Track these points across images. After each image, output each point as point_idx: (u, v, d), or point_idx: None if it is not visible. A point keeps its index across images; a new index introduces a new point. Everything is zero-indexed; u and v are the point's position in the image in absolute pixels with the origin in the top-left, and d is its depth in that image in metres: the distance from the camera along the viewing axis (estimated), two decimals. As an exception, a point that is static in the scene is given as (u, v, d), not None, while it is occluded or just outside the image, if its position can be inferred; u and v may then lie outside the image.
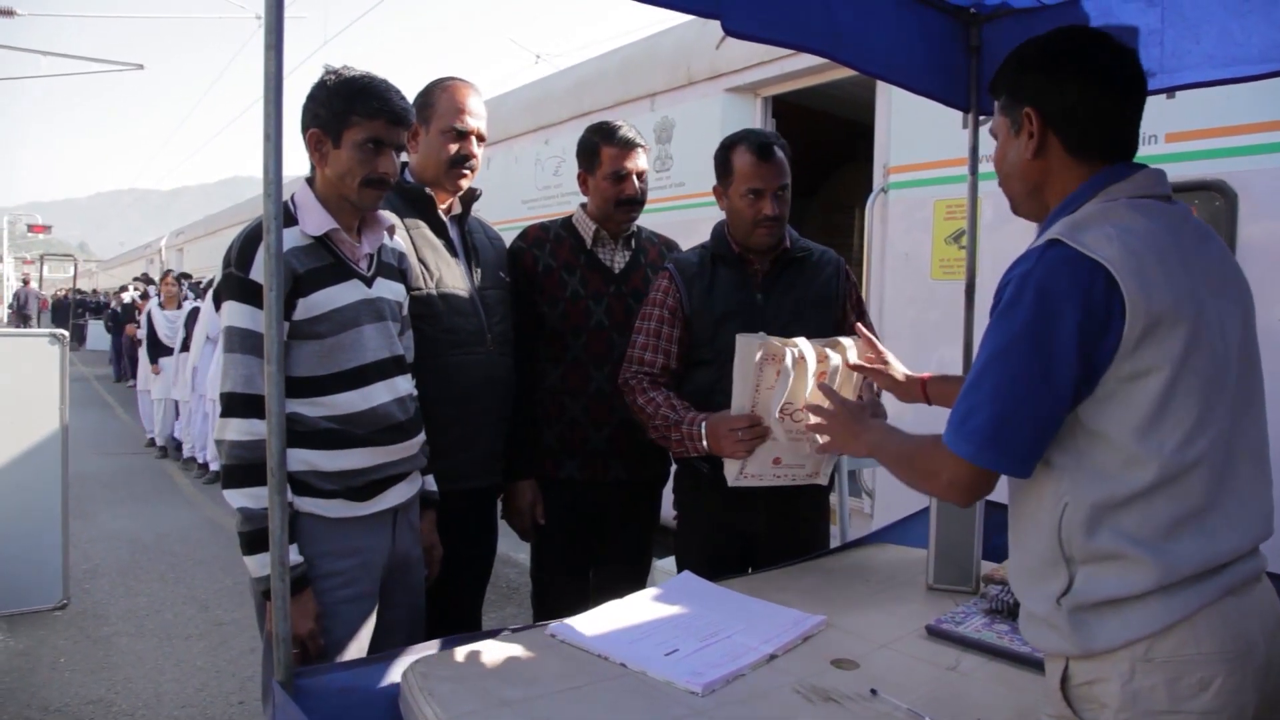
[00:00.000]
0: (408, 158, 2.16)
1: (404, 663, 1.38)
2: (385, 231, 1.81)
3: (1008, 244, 2.35)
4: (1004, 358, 1.08)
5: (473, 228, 2.22)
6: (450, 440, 2.01)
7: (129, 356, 12.65)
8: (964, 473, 1.12)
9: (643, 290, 2.27)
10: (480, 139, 2.14)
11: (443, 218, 2.13)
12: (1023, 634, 1.18)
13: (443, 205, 2.14)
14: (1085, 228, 1.08)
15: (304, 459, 1.62)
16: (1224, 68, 1.80)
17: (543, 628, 1.55)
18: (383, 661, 1.42)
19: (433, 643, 1.49)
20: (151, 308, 8.40)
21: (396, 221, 1.89)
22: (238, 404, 1.59)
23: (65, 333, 4.18)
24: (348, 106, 1.64)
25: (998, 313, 1.10)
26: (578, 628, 1.52)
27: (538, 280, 2.30)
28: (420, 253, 2.04)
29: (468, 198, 2.20)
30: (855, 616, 1.65)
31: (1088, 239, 1.06)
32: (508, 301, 2.23)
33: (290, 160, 1.31)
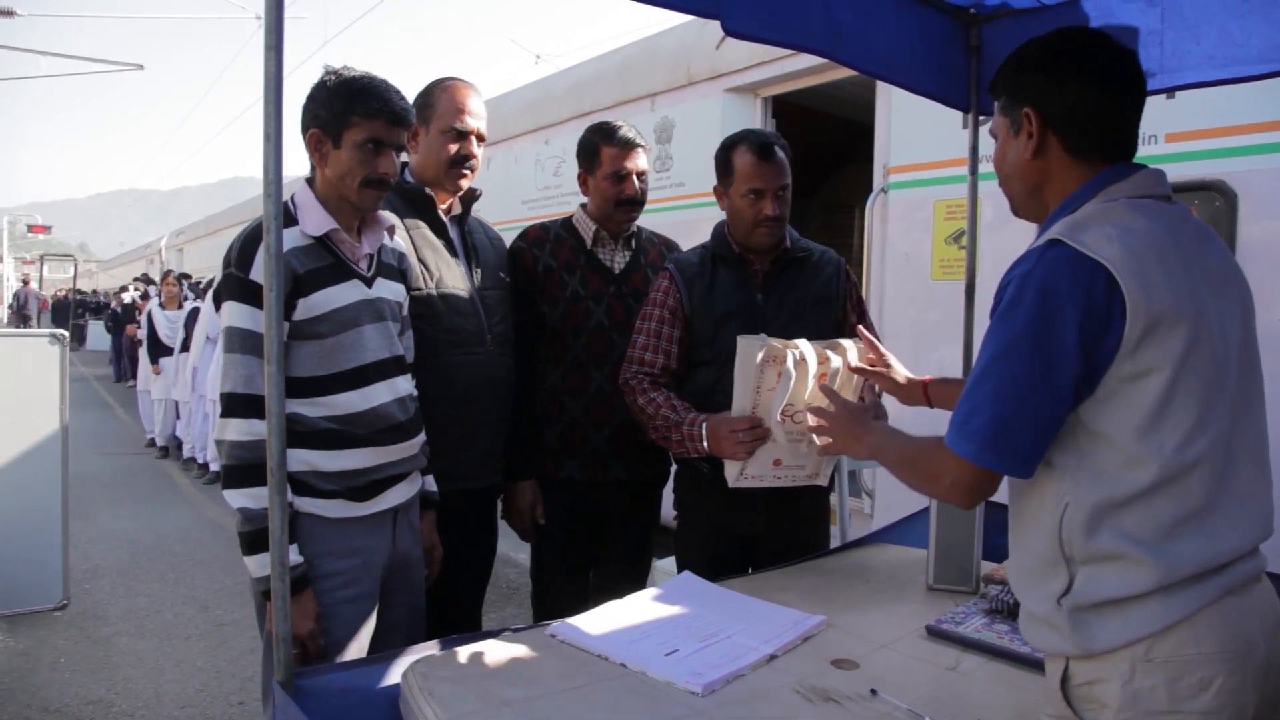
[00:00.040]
0: (408, 158, 2.16)
1: (404, 663, 1.38)
2: (385, 232, 1.81)
3: (1008, 244, 2.35)
4: (1005, 358, 1.08)
5: (473, 228, 2.22)
6: (450, 440, 2.01)
7: (129, 357, 12.65)
8: (966, 474, 1.12)
9: (643, 290, 2.27)
10: (480, 139, 2.14)
11: (443, 218, 2.13)
12: (1023, 634, 1.18)
13: (443, 205, 2.14)
14: (1085, 228, 1.08)
15: (304, 459, 1.62)
16: (1224, 68, 1.80)
17: (543, 628, 1.55)
18: (383, 662, 1.42)
19: (433, 643, 1.49)
20: (152, 308, 8.40)
21: (396, 222, 1.89)
22: (238, 404, 1.59)
23: (65, 333, 4.18)
24: (348, 107, 1.64)
25: (998, 313, 1.10)
26: (578, 628, 1.52)
27: (538, 280, 2.30)
28: (420, 253, 2.04)
29: (468, 198, 2.20)
30: (855, 617, 1.65)
31: (1088, 239, 1.06)
32: (508, 302, 2.23)
33: (290, 160, 1.31)
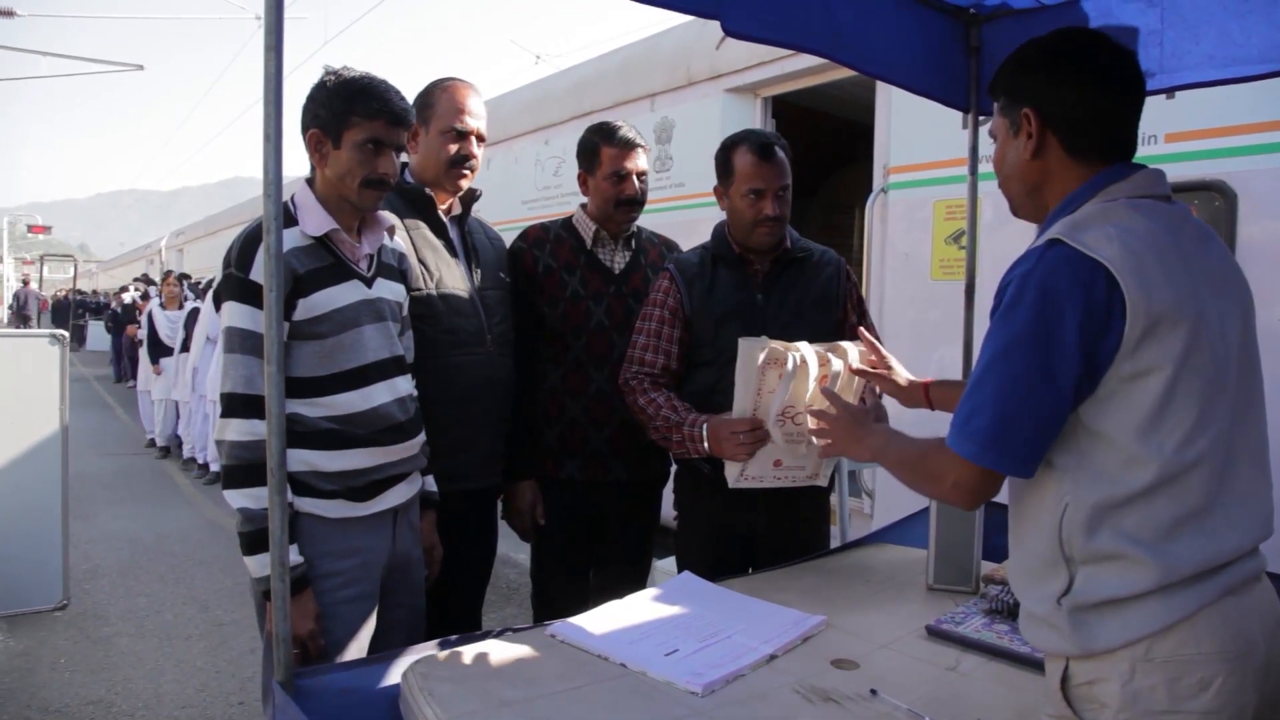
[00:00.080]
0: (408, 158, 2.16)
1: (404, 663, 1.38)
2: (385, 232, 1.81)
3: (1008, 244, 2.35)
4: (1006, 358, 1.08)
5: (473, 228, 2.22)
6: (450, 441, 2.01)
7: (129, 357, 12.65)
8: (969, 475, 1.12)
9: (643, 291, 2.27)
10: (480, 139, 2.14)
11: (443, 218, 2.13)
12: (1023, 634, 1.18)
13: (443, 206, 2.14)
14: (1085, 227, 1.08)
15: (304, 459, 1.62)
16: (1223, 68, 1.80)
17: (543, 628, 1.55)
18: (383, 662, 1.42)
19: (432, 643, 1.49)
20: (153, 308, 8.41)
21: (396, 222, 1.89)
22: (238, 404, 1.59)
23: (65, 333, 4.18)
24: (347, 107, 1.64)
25: (999, 314, 1.10)
26: (578, 628, 1.52)
27: (538, 281, 2.30)
28: (420, 253, 2.04)
29: (468, 198, 2.20)
30: (855, 617, 1.65)
31: (1088, 239, 1.06)
32: (508, 302, 2.23)
33: (290, 161, 1.31)
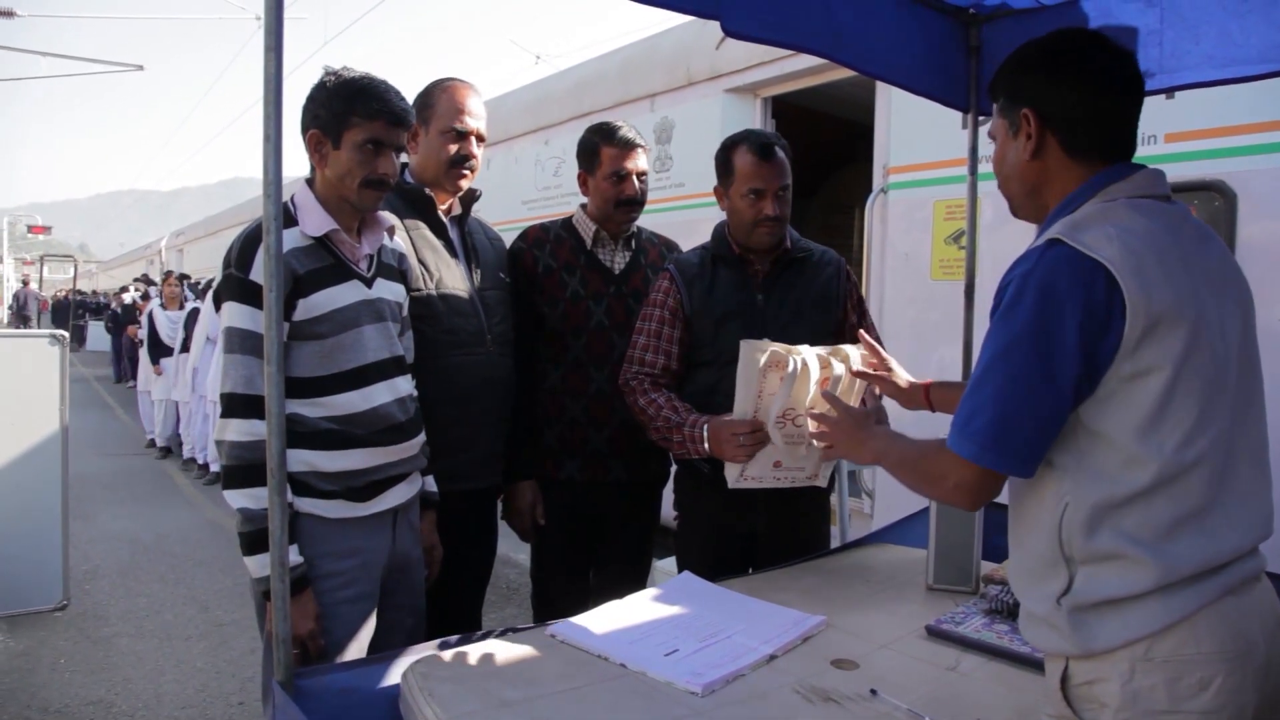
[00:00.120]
0: (407, 159, 2.16)
1: (404, 663, 1.38)
2: (385, 232, 1.81)
3: (1007, 244, 2.35)
4: (1006, 358, 1.08)
5: (473, 228, 2.22)
6: (450, 441, 2.01)
7: (129, 357, 12.65)
8: (970, 475, 1.12)
9: (643, 291, 2.27)
10: (480, 139, 2.14)
11: (442, 218, 2.13)
12: (1023, 634, 1.18)
13: (443, 206, 2.14)
14: (1085, 227, 1.08)
15: (304, 459, 1.62)
16: (1223, 68, 1.80)
17: (543, 628, 1.55)
18: (383, 662, 1.42)
19: (433, 643, 1.49)
20: (153, 308, 8.41)
21: (396, 222, 1.89)
22: (238, 405, 1.59)
23: (65, 334, 4.17)
24: (347, 107, 1.64)
25: (999, 314, 1.10)
26: (578, 628, 1.52)
27: (538, 281, 2.30)
28: (420, 254, 2.04)
29: (468, 198, 2.20)
30: (855, 617, 1.65)
31: (1088, 238, 1.06)
32: (508, 302, 2.23)
33: (290, 161, 1.31)
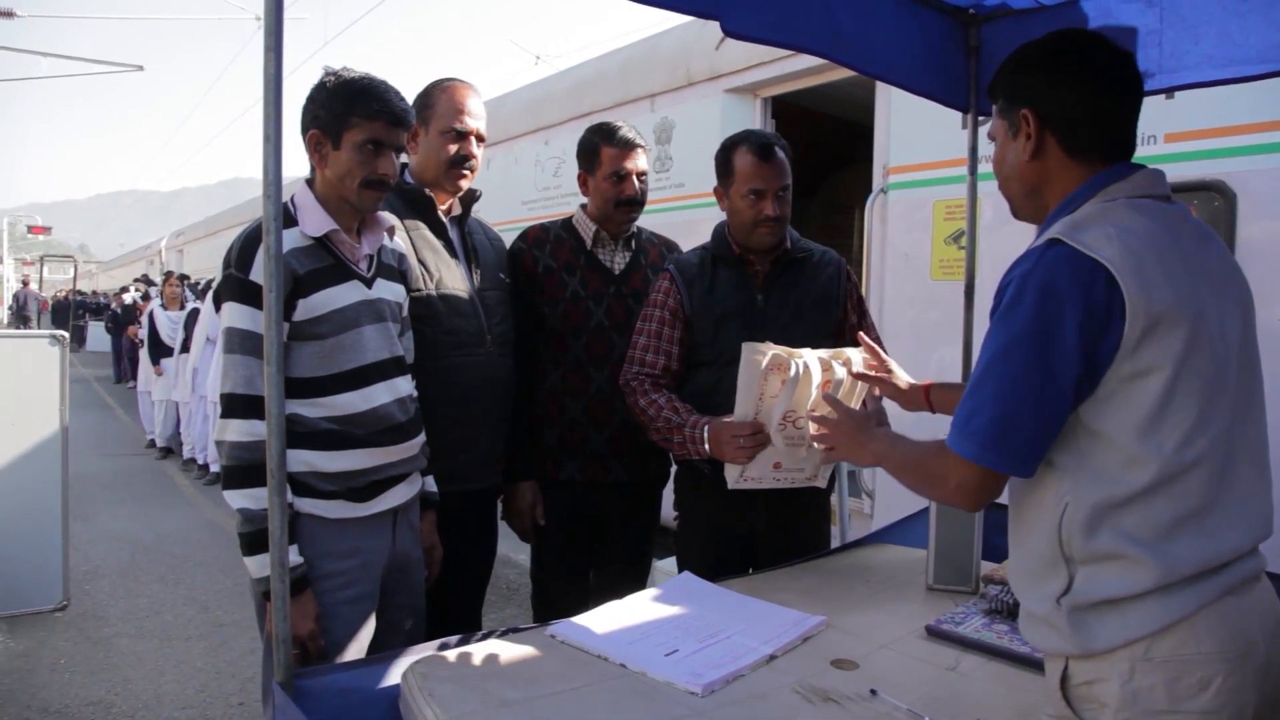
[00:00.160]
0: (407, 159, 2.16)
1: (404, 663, 1.38)
2: (385, 233, 1.81)
3: (1007, 244, 2.35)
4: (1006, 358, 1.08)
5: (472, 229, 2.22)
6: (450, 441, 2.01)
7: (129, 358, 12.65)
8: (971, 476, 1.12)
9: (643, 291, 2.27)
10: (480, 139, 2.14)
11: (442, 219, 2.13)
12: (1023, 634, 1.18)
13: (442, 206, 2.14)
14: (1085, 227, 1.08)
15: (304, 460, 1.62)
16: (1223, 68, 1.80)
17: (543, 628, 1.55)
18: (383, 662, 1.42)
19: (433, 643, 1.49)
20: (154, 308, 8.41)
21: (396, 223, 1.89)
22: (238, 405, 1.59)
23: (65, 334, 4.17)
24: (347, 108, 1.64)
25: (999, 314, 1.10)
26: (578, 628, 1.52)
27: (538, 281, 2.30)
28: (420, 254, 2.04)
29: (467, 199, 2.20)
30: (855, 617, 1.65)
31: (1088, 238, 1.06)
32: (508, 302, 2.23)
33: (290, 161, 1.31)
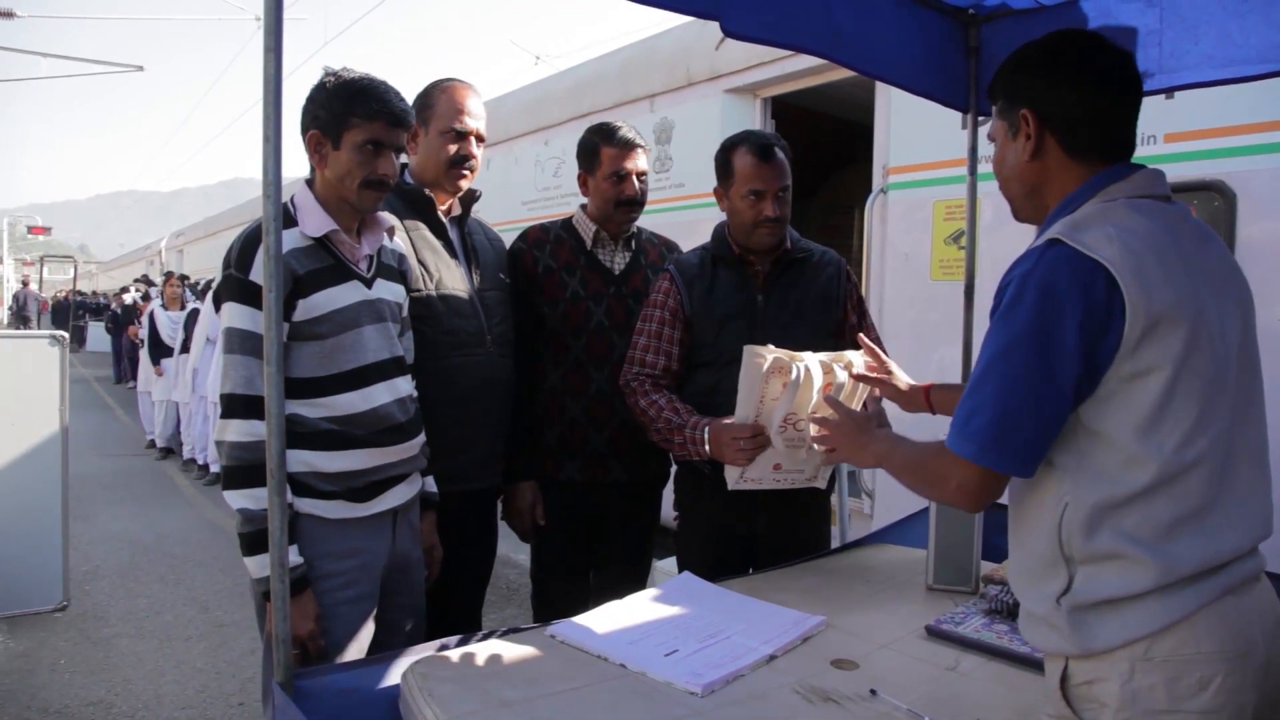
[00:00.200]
0: (407, 159, 2.16)
1: (404, 663, 1.38)
2: (385, 233, 1.81)
3: (1007, 244, 2.35)
4: (1006, 358, 1.08)
5: (472, 229, 2.22)
6: (450, 441, 2.01)
7: (129, 358, 12.65)
8: (971, 476, 1.11)
9: (643, 291, 2.27)
10: (480, 140, 2.14)
11: (442, 219, 2.13)
12: (1022, 634, 1.18)
13: (442, 207, 2.14)
14: (1085, 227, 1.08)
15: (304, 460, 1.62)
16: (1223, 68, 1.80)
17: (543, 628, 1.55)
18: (383, 662, 1.42)
19: (433, 643, 1.49)
20: (154, 308, 8.41)
21: (396, 223, 1.89)
22: (238, 405, 1.59)
23: (65, 334, 4.18)
24: (347, 108, 1.64)
25: (999, 314, 1.10)
26: (578, 628, 1.52)
27: (538, 281, 2.30)
28: (420, 254, 2.04)
29: (467, 199, 2.20)
30: (855, 617, 1.65)
31: (1088, 238, 1.06)
32: (508, 303, 2.23)
33: (290, 162, 1.31)
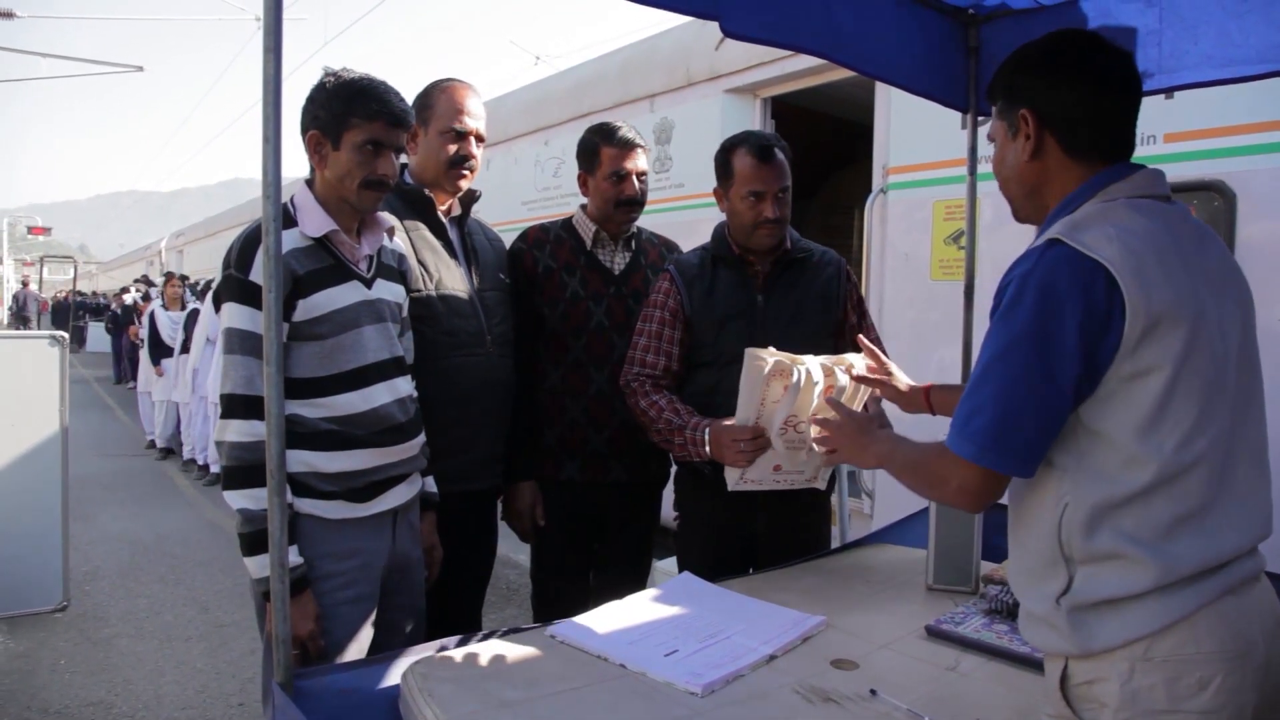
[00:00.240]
0: (407, 159, 2.16)
1: (404, 664, 1.38)
2: (385, 233, 1.81)
3: (1007, 245, 2.35)
4: (1006, 358, 1.08)
5: (472, 229, 2.22)
6: (450, 442, 2.01)
7: (129, 358, 12.65)
8: (972, 476, 1.11)
9: (643, 291, 2.27)
10: (479, 140, 2.14)
11: (442, 219, 2.13)
12: (1022, 634, 1.18)
13: (442, 207, 2.14)
14: (1085, 227, 1.08)
15: (304, 460, 1.62)
16: (1222, 68, 1.80)
17: (543, 628, 1.55)
18: (383, 662, 1.42)
19: (433, 643, 1.49)
20: (155, 309, 8.41)
21: (396, 223, 1.89)
22: (238, 405, 1.59)
23: (65, 335, 4.18)
24: (347, 108, 1.64)
25: (999, 314, 1.10)
26: (578, 628, 1.52)
27: (538, 281, 2.30)
28: (420, 254, 2.04)
29: (467, 199, 2.20)
30: (855, 617, 1.65)
31: (1087, 238, 1.06)
32: (507, 303, 2.23)
33: (290, 162, 1.31)
